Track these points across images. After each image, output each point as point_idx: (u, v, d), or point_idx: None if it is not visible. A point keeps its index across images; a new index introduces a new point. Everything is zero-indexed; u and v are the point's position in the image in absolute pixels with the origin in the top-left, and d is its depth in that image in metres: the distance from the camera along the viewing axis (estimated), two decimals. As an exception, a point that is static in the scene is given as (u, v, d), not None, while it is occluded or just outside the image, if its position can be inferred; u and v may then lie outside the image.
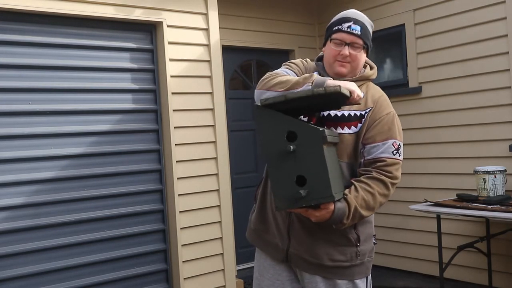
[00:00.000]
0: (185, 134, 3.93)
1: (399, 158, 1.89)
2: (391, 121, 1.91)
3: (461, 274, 4.37)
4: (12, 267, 3.30)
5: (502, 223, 3.98)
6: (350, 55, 1.93)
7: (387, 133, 1.88)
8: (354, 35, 1.92)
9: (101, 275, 3.62)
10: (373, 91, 1.98)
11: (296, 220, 1.94)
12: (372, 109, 1.91)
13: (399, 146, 1.89)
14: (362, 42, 1.93)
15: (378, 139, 1.88)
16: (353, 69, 1.97)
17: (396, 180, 1.88)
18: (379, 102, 1.94)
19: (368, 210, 1.83)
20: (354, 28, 1.93)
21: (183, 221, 3.89)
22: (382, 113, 1.91)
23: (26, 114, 3.39)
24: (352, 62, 1.95)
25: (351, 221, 1.81)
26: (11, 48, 3.36)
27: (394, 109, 1.98)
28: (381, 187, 1.84)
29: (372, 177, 1.84)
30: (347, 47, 1.93)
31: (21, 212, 3.35)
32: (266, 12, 5.20)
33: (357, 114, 1.91)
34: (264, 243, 2.06)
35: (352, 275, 1.94)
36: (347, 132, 1.90)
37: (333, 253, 1.92)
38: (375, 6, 4.94)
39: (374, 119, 1.90)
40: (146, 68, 3.90)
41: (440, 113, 4.51)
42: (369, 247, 1.99)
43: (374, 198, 1.83)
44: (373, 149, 1.87)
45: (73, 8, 3.49)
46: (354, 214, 1.79)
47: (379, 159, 1.86)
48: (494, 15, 4.10)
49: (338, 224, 1.80)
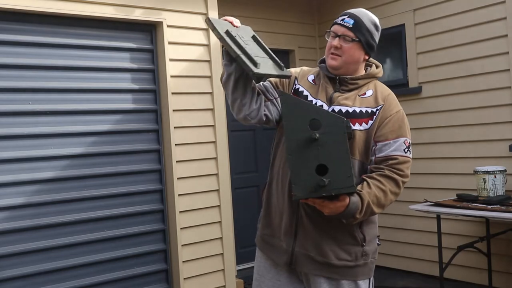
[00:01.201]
0: (185, 134, 3.93)
1: (409, 156, 1.90)
2: (401, 119, 1.92)
3: (461, 274, 4.37)
4: (12, 267, 3.29)
5: (502, 223, 3.98)
6: (341, 47, 1.93)
7: (398, 131, 1.90)
8: (345, 27, 1.93)
9: (101, 275, 3.62)
10: (382, 89, 1.99)
11: (304, 216, 1.93)
12: (382, 106, 1.92)
13: (409, 144, 1.91)
14: (352, 34, 1.93)
15: (390, 137, 1.88)
16: (345, 63, 1.96)
17: (407, 178, 1.89)
18: (389, 99, 1.95)
19: (379, 207, 1.84)
20: (347, 21, 1.94)
21: (183, 221, 3.89)
22: (392, 110, 1.92)
23: (26, 114, 3.39)
24: (342, 55, 1.94)
25: (362, 217, 1.81)
26: (11, 48, 3.36)
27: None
28: (392, 185, 1.85)
29: (385, 175, 1.85)
30: (337, 38, 1.94)
31: (21, 212, 3.35)
32: (266, 12, 5.20)
33: (369, 111, 1.92)
34: (269, 247, 2.06)
35: (355, 276, 1.94)
36: (358, 128, 1.90)
37: (339, 251, 1.92)
38: (375, 6, 4.94)
39: (385, 116, 1.91)
40: (146, 68, 3.90)
41: (440, 113, 4.52)
42: (373, 248, 1.99)
43: (385, 195, 1.83)
44: (385, 146, 1.88)
45: (73, 8, 3.49)
46: (367, 209, 1.80)
47: (391, 157, 1.87)
48: (494, 15, 4.10)
49: (350, 218, 1.79)
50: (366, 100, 1.94)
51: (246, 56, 1.79)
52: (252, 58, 1.78)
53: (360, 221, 1.85)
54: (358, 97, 1.95)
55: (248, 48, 1.85)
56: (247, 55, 1.79)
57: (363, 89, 1.97)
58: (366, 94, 1.96)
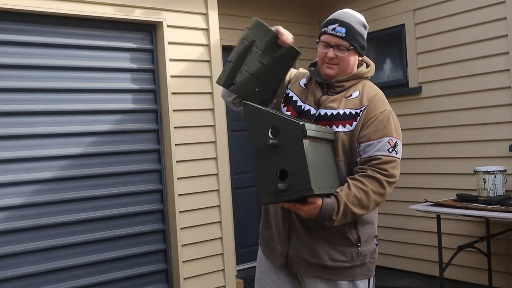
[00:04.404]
0: (185, 134, 3.93)
1: (395, 156, 1.87)
2: (387, 118, 1.90)
3: (461, 274, 4.37)
4: (12, 267, 3.29)
5: (502, 223, 3.98)
6: (337, 57, 1.93)
7: (383, 130, 1.87)
8: (338, 37, 1.91)
9: (101, 275, 3.62)
10: (369, 90, 1.97)
11: (296, 220, 1.94)
12: (367, 107, 1.91)
13: (395, 144, 1.87)
14: (347, 44, 1.92)
15: (373, 137, 1.86)
16: (342, 70, 1.96)
17: (393, 178, 1.85)
18: (374, 100, 1.93)
19: (362, 208, 1.81)
20: (339, 30, 1.92)
21: (183, 221, 3.89)
22: (377, 111, 1.90)
23: (26, 114, 3.39)
24: (339, 63, 1.94)
25: (342, 218, 1.79)
26: (11, 48, 3.36)
27: (394, 109, 1.98)
28: (375, 185, 1.82)
29: (367, 175, 1.83)
30: (332, 49, 1.92)
31: (21, 212, 3.35)
32: (266, 12, 5.20)
33: (352, 112, 1.91)
34: (269, 250, 2.08)
35: (353, 276, 1.93)
36: (342, 130, 1.89)
37: (333, 252, 1.92)
38: (375, 6, 4.94)
39: (369, 117, 1.89)
40: (146, 68, 3.90)
41: (440, 113, 4.52)
42: (371, 248, 1.97)
43: (367, 196, 1.81)
44: (368, 147, 1.87)
45: (73, 8, 3.49)
46: (345, 211, 1.77)
47: (374, 157, 1.85)
48: (494, 15, 4.10)
49: (327, 220, 1.78)
50: (351, 101, 1.93)
51: (232, 70, 1.93)
52: (233, 75, 1.93)
53: (342, 223, 1.82)
54: (344, 99, 1.94)
55: (246, 67, 1.95)
56: (234, 70, 1.94)
57: (350, 91, 1.97)
58: (352, 96, 1.95)
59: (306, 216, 1.78)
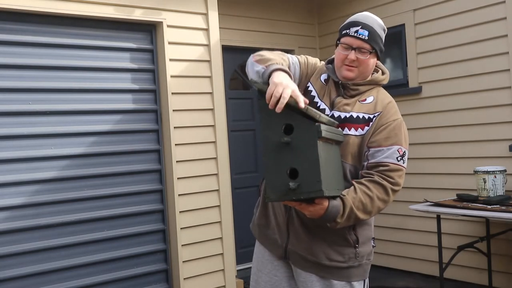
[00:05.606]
0: (185, 134, 3.93)
1: (403, 165, 1.88)
2: (399, 127, 1.91)
3: (461, 274, 4.37)
4: (12, 267, 3.29)
5: (502, 223, 3.99)
6: (357, 59, 1.93)
7: (393, 138, 1.88)
8: (361, 39, 1.91)
9: (101, 275, 3.62)
10: (383, 97, 1.99)
11: (295, 216, 1.95)
12: (380, 113, 1.92)
13: (404, 153, 1.89)
14: (369, 47, 1.92)
15: (383, 143, 1.87)
16: (361, 73, 1.96)
17: (398, 186, 1.87)
18: (388, 107, 1.94)
19: (365, 213, 1.82)
20: (362, 33, 1.92)
21: (183, 221, 3.89)
22: (390, 118, 1.91)
23: (26, 114, 3.39)
24: (359, 66, 1.94)
25: (345, 222, 1.79)
26: (11, 48, 3.36)
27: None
28: (381, 191, 1.83)
29: (373, 181, 1.83)
30: (353, 51, 1.92)
31: (21, 212, 3.35)
32: (266, 12, 5.20)
33: (365, 117, 1.92)
34: (265, 238, 2.08)
35: (349, 277, 1.94)
36: (353, 133, 1.90)
37: (331, 252, 1.92)
38: (375, 6, 4.94)
39: (381, 123, 1.90)
40: (146, 68, 3.90)
41: (440, 113, 4.52)
42: (367, 250, 1.99)
43: (372, 201, 1.82)
44: (377, 153, 1.87)
45: (73, 8, 3.49)
46: (349, 214, 1.78)
47: (382, 163, 1.86)
48: (494, 15, 4.10)
49: (332, 222, 1.78)
50: (365, 106, 1.94)
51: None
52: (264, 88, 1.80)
53: (344, 225, 1.83)
54: (358, 103, 1.95)
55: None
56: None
57: (365, 95, 1.97)
58: (367, 101, 1.96)
59: (310, 216, 1.78)
